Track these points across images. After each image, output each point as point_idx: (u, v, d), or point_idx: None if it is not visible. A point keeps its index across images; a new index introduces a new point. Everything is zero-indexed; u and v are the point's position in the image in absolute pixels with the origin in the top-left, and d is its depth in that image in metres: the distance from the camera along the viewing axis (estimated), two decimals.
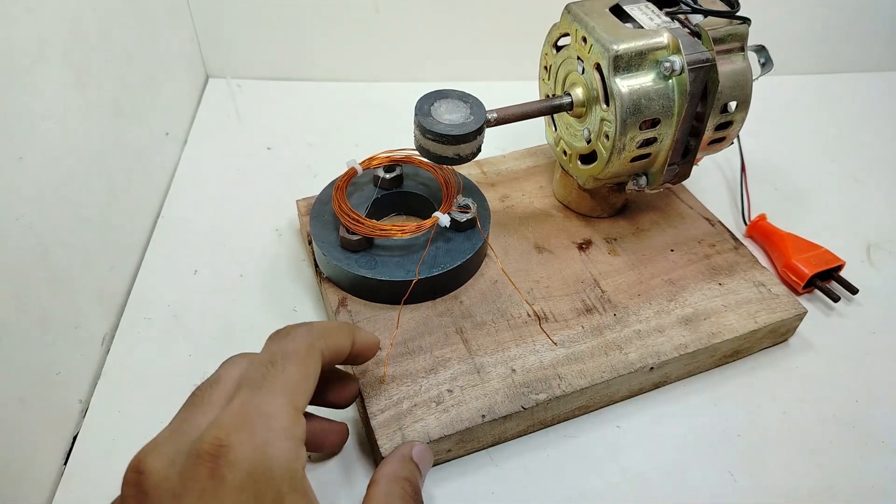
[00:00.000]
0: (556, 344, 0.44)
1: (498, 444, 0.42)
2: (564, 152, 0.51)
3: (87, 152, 0.47)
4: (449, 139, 0.42)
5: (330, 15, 0.69)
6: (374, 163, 0.51)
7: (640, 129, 0.44)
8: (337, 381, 0.39)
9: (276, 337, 0.33)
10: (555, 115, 0.51)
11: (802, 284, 0.50)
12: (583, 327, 0.45)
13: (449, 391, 0.41)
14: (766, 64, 0.49)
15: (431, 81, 0.47)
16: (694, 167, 0.50)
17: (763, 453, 0.42)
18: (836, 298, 0.50)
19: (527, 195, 0.55)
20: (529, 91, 0.55)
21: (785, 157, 0.64)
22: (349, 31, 0.70)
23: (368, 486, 0.35)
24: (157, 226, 0.56)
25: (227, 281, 0.52)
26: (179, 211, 0.58)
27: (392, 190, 0.51)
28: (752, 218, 0.56)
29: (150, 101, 0.58)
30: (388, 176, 0.50)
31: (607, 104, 0.44)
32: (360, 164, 0.50)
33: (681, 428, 0.43)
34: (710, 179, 0.62)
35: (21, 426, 0.38)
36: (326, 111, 0.69)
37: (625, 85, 0.43)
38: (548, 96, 0.51)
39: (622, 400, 0.44)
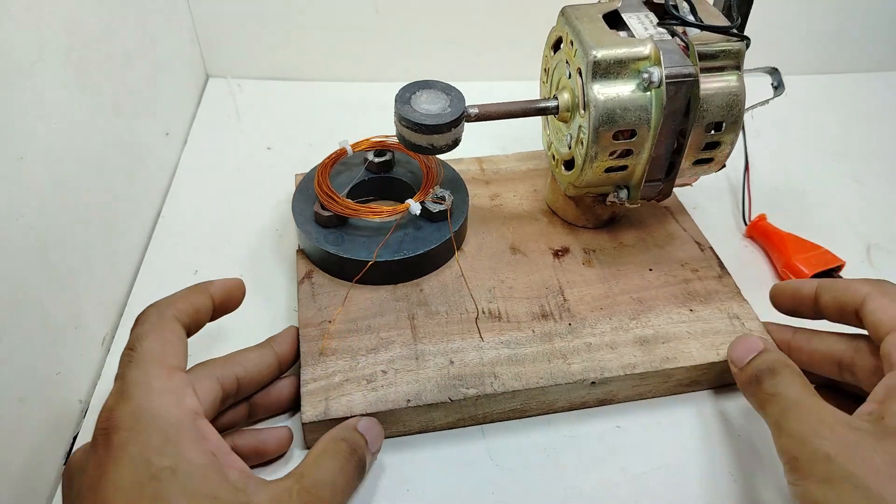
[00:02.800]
0: (482, 340, 0.44)
1: (425, 432, 0.42)
2: (553, 157, 0.50)
3: (87, 152, 0.47)
4: (422, 128, 0.42)
5: (330, 15, 0.69)
6: (366, 145, 0.52)
7: (615, 139, 0.43)
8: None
9: (133, 326, 0.36)
10: (549, 119, 0.51)
11: None
12: (533, 331, 0.44)
13: (383, 372, 0.42)
14: (779, 87, 0.47)
15: None
16: (689, 187, 0.50)
17: (763, 453, 0.42)
18: None
19: (518, 196, 0.55)
20: (529, 91, 0.55)
21: (785, 157, 0.64)
22: (349, 31, 0.70)
23: None
24: (157, 226, 0.56)
25: None
26: (179, 211, 0.58)
27: (380, 174, 0.52)
28: (752, 218, 0.56)
29: (149, 101, 0.58)
30: (376, 160, 0.51)
31: (585, 110, 0.43)
32: (351, 145, 0.51)
33: (681, 428, 0.43)
34: (711, 178, 0.62)
35: (21, 426, 0.38)
36: (326, 111, 0.69)
37: (601, 92, 0.42)
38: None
39: (563, 411, 0.44)
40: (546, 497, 0.40)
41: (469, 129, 0.45)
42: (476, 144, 0.58)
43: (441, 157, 0.50)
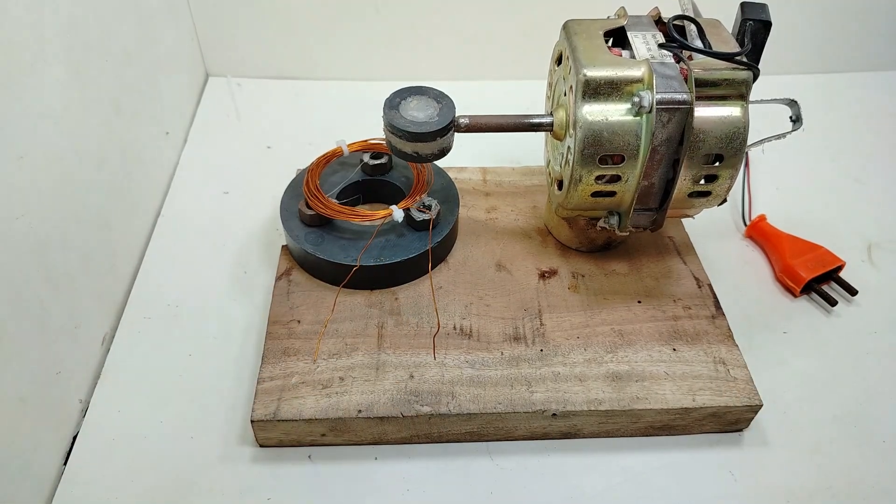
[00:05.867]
0: (435, 359, 0.43)
1: (379, 443, 0.42)
2: (550, 174, 0.49)
3: (87, 152, 0.47)
4: (406, 135, 0.41)
5: (330, 14, 0.69)
6: (362, 146, 0.52)
7: (602, 163, 0.41)
8: None
9: None
10: (549, 135, 0.50)
11: (799, 289, 0.50)
12: (502, 354, 0.43)
13: (340, 379, 0.41)
14: (797, 121, 0.44)
15: (432, 81, 0.47)
16: (691, 220, 0.48)
17: (763, 453, 0.42)
18: (833, 303, 0.50)
19: (515, 212, 0.54)
20: (530, 90, 0.55)
21: (785, 157, 0.64)
22: (349, 30, 0.70)
23: None
24: (156, 225, 0.56)
25: (227, 280, 0.52)
26: (179, 210, 0.58)
27: (374, 177, 0.52)
28: (752, 218, 0.56)
29: (149, 100, 0.58)
30: (372, 162, 0.51)
31: (573, 130, 0.41)
32: (349, 145, 0.51)
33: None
34: None
35: (21, 426, 0.38)
36: (326, 110, 0.69)
37: (589, 113, 0.40)
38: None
39: (524, 439, 0.42)
40: (546, 497, 0.40)
41: (481, 136, 0.44)
42: (485, 152, 0.57)
43: (442, 164, 0.50)
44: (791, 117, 0.44)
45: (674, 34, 0.41)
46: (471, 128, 0.43)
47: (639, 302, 0.47)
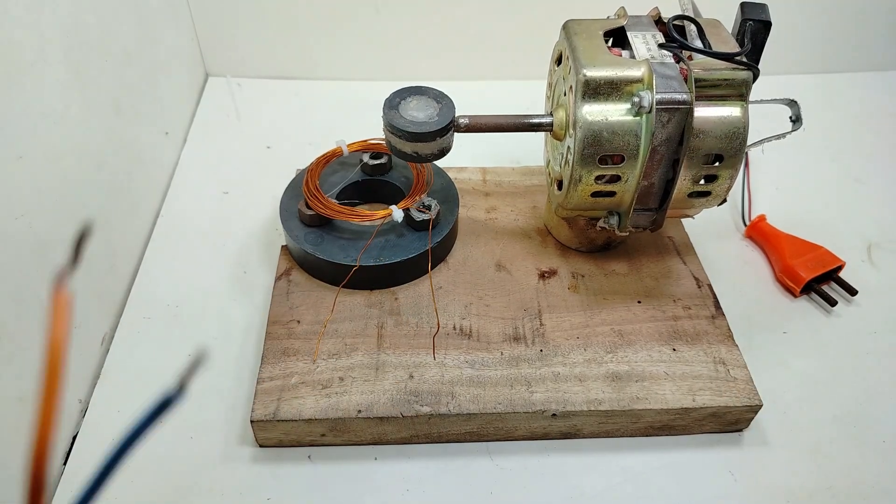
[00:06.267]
0: (434, 359, 0.43)
1: (379, 443, 0.42)
2: (549, 174, 0.49)
3: (87, 152, 0.47)
4: (406, 135, 0.41)
5: (330, 14, 0.69)
6: (362, 146, 0.52)
7: (602, 163, 0.41)
8: None
9: None
10: (549, 135, 0.50)
11: (799, 289, 0.50)
12: (501, 353, 0.43)
13: (340, 379, 0.41)
14: (797, 121, 0.44)
15: (432, 81, 0.47)
16: (691, 220, 0.48)
17: (763, 453, 0.42)
18: (833, 303, 0.50)
19: (515, 212, 0.54)
20: (530, 90, 0.55)
21: (785, 157, 0.64)
22: (349, 30, 0.70)
23: None
24: (156, 225, 0.56)
25: (227, 280, 0.52)
26: (179, 210, 0.58)
27: (374, 177, 0.52)
28: (752, 218, 0.56)
29: (149, 100, 0.58)
30: (371, 162, 0.51)
31: (573, 130, 0.41)
32: (349, 145, 0.51)
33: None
34: None
35: (21, 426, 0.38)
36: (326, 110, 0.69)
37: (589, 113, 0.40)
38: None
39: (524, 439, 0.42)
40: (546, 497, 0.40)
41: (481, 136, 0.44)
42: (485, 152, 0.57)
43: (442, 164, 0.50)
44: (791, 117, 0.45)
45: (674, 34, 0.41)
46: (470, 128, 0.43)
47: (639, 302, 0.47)
